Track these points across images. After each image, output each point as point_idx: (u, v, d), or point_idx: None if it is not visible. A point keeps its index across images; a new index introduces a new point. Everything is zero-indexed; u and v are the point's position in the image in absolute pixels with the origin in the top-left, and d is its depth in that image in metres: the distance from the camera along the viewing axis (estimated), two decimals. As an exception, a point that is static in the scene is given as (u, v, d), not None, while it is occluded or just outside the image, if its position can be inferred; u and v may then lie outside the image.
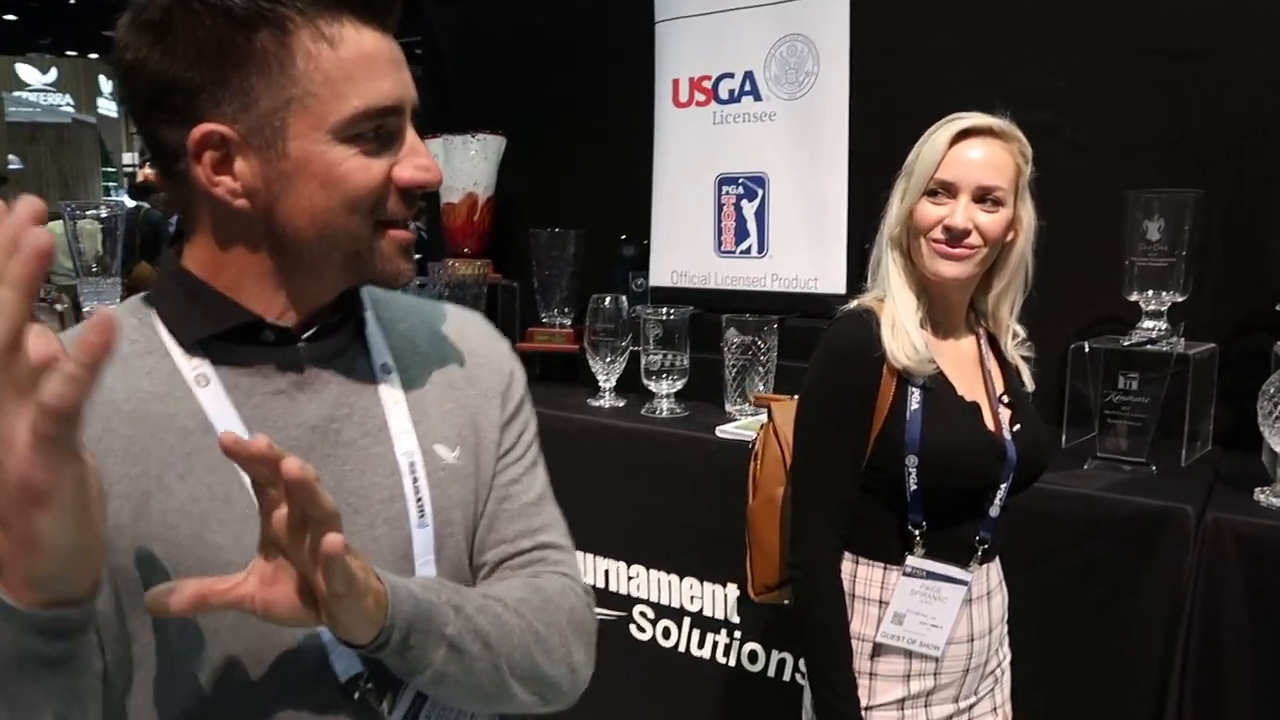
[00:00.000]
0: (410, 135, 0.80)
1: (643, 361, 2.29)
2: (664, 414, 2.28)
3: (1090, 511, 1.69)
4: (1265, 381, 1.67)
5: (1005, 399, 1.40)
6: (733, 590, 2.08)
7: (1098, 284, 2.15)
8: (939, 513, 1.34)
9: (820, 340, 1.43)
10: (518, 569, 0.89)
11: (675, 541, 2.14)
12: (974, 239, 1.33)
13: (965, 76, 2.34)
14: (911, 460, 1.31)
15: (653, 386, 2.29)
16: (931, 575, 1.34)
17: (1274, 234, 2.05)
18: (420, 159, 0.80)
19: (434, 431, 0.87)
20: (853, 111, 2.40)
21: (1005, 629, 1.48)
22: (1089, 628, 1.71)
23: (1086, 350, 1.88)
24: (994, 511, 1.36)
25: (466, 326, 0.97)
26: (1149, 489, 1.72)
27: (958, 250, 1.33)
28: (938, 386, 1.34)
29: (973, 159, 1.34)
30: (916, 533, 1.34)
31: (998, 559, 1.44)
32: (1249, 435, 1.95)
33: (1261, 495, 1.65)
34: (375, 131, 0.77)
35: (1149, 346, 1.85)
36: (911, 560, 1.34)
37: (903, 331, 1.33)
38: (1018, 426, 1.38)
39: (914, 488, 1.31)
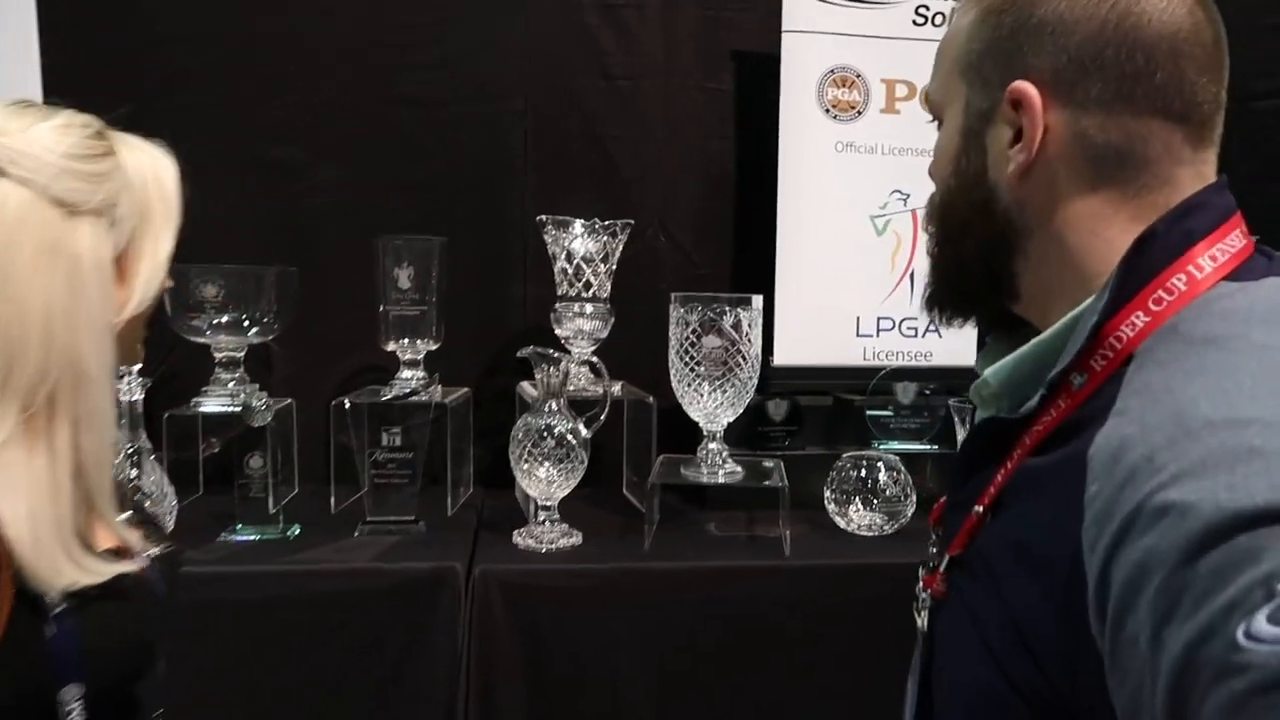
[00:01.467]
0: None
1: None
2: None
3: (364, 585, 1.54)
4: (514, 425, 1.71)
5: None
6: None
7: (359, 333, 2.04)
8: None
9: None
10: None
11: None
12: None
13: (187, 99, 2.04)
14: (70, 692, 0.81)
15: None
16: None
17: (512, 279, 2.17)
18: None
19: None
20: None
21: None
22: (375, 704, 1.55)
23: (346, 406, 1.73)
24: None
25: None
26: (420, 550, 1.63)
27: None
28: None
29: None
30: None
31: None
32: (505, 473, 2.02)
33: (519, 538, 1.68)
34: None
35: (409, 398, 1.78)
36: None
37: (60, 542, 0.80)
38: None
39: None
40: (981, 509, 0.66)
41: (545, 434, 1.65)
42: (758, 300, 1.71)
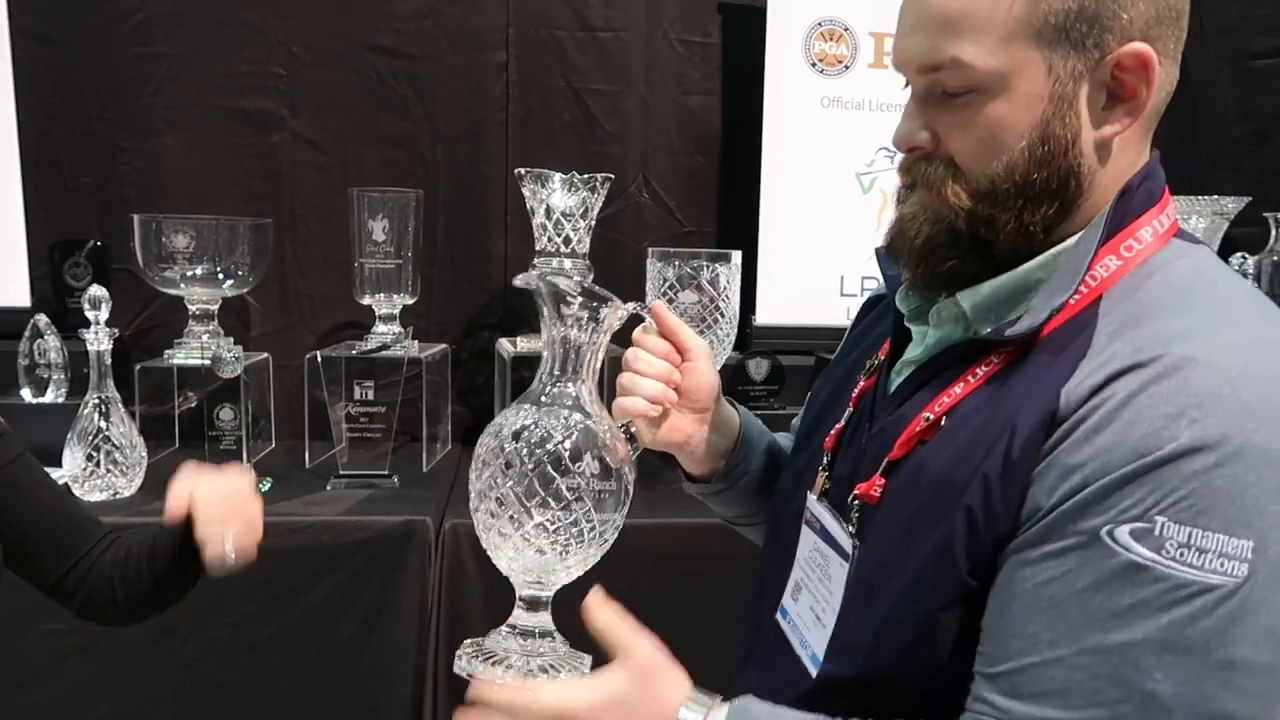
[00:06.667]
0: None
1: None
2: None
3: (334, 538, 1.53)
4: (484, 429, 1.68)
5: None
6: None
7: (336, 288, 2.02)
8: None
9: None
10: None
11: None
12: None
13: (170, 48, 2.00)
14: None
15: None
16: None
17: (492, 234, 2.15)
18: None
19: None
20: (19, 85, 1.89)
21: None
22: (346, 657, 1.55)
23: (319, 360, 1.71)
24: None
25: None
26: (391, 504, 1.62)
27: None
28: None
29: None
30: None
31: None
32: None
33: (493, 493, 1.67)
34: None
35: (382, 353, 1.76)
36: None
37: None
38: None
39: None
40: (932, 416, 0.69)
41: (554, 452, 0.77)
42: (736, 256, 1.68)
